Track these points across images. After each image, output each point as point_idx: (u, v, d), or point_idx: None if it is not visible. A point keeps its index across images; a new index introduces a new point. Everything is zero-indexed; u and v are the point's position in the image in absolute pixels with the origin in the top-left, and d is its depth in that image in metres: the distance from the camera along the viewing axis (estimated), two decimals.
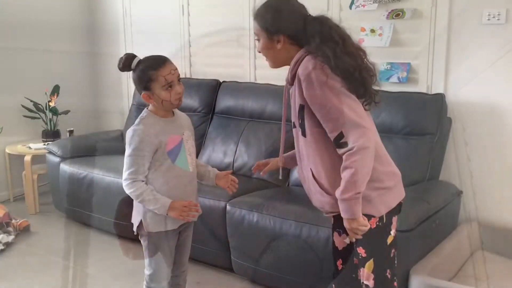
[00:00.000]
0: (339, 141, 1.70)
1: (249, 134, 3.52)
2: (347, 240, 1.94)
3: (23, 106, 4.36)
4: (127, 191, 2.03)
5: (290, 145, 2.08)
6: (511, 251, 2.88)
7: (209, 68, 4.09)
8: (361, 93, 1.75)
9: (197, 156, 2.24)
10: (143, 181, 2.03)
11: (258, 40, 1.88)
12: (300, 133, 1.83)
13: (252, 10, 1.91)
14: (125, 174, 2.02)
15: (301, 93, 1.75)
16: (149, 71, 1.99)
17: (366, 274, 1.84)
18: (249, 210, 2.82)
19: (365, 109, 1.77)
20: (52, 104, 4.35)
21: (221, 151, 3.58)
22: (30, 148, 4.17)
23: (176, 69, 2.03)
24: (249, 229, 2.81)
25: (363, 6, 3.24)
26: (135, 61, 2.02)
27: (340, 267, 2.00)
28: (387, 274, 1.86)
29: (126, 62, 2.02)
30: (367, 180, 1.70)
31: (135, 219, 2.13)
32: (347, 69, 1.71)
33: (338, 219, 1.89)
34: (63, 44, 4.68)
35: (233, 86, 3.78)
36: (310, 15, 1.84)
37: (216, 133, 3.69)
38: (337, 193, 1.72)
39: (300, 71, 1.74)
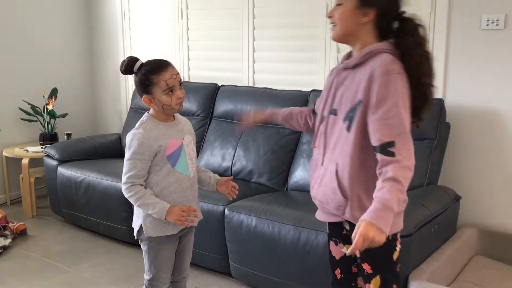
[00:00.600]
0: (387, 148, 1.58)
1: (248, 138, 3.51)
2: (344, 250, 1.89)
3: (20, 109, 4.35)
4: (126, 195, 2.03)
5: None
6: (509, 256, 2.88)
7: (207, 72, 4.09)
8: (414, 113, 1.68)
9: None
10: (142, 185, 2.02)
11: (339, 4, 1.69)
12: (344, 126, 1.69)
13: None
14: (124, 177, 2.02)
15: (367, 88, 1.61)
16: (150, 75, 1.98)
17: None
18: (247, 215, 2.82)
19: None
20: (50, 107, 4.34)
21: (219, 155, 3.58)
22: (27, 151, 4.16)
23: (178, 73, 2.03)
24: (248, 233, 2.80)
25: None
26: (137, 65, 2.02)
27: (339, 276, 1.96)
28: None
29: (128, 65, 2.03)
30: None
31: (135, 224, 2.13)
32: (423, 86, 1.64)
33: (333, 227, 1.89)
34: (61, 47, 4.68)
35: (232, 90, 3.78)
36: (405, 12, 1.71)
37: (214, 137, 3.69)
38: (382, 196, 1.54)
39: (377, 67, 1.60)
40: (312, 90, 3.41)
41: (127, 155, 2.01)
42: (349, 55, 1.77)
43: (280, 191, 3.28)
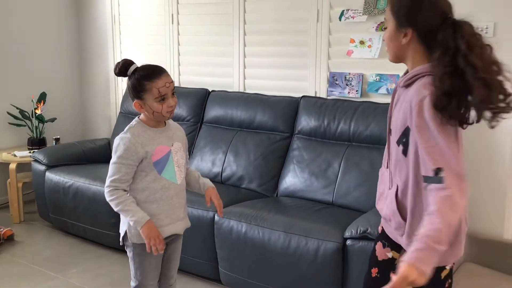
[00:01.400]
0: (436, 175, 1.50)
1: (238, 143, 3.50)
2: (390, 255, 1.83)
3: (8, 113, 4.31)
4: (107, 198, 1.99)
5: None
6: (499, 263, 2.89)
7: (198, 77, 4.08)
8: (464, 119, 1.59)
9: None
10: (125, 190, 1.99)
11: (386, 28, 1.69)
12: (400, 149, 1.65)
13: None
14: (107, 181, 1.99)
15: (410, 115, 1.56)
16: (144, 80, 1.96)
17: None
18: (237, 221, 2.80)
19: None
20: (38, 111, 4.30)
21: (210, 161, 3.56)
22: (15, 155, 4.11)
23: (172, 82, 2.01)
24: (238, 239, 2.79)
25: (353, 17, 3.26)
26: (131, 68, 1.99)
27: (374, 274, 1.87)
28: None
29: (123, 68, 1.99)
30: None
31: (122, 229, 2.11)
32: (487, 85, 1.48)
33: (384, 230, 1.84)
34: (50, 51, 4.64)
35: (222, 95, 3.77)
36: (451, 16, 1.57)
37: (204, 142, 3.68)
38: (424, 233, 1.45)
39: (414, 95, 1.55)
40: (303, 96, 3.42)
41: (113, 158, 2.00)
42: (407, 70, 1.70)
43: (270, 197, 3.27)
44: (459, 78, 1.49)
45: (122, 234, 2.10)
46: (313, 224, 2.66)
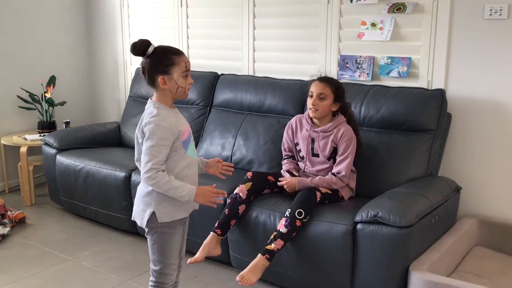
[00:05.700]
0: None
1: (248, 127, 3.50)
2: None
3: (18, 97, 4.32)
4: (150, 182, 1.96)
5: None
6: (509, 246, 2.89)
7: (207, 60, 4.06)
8: None
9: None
10: (163, 170, 2.00)
11: (323, 98, 2.80)
12: (331, 161, 2.93)
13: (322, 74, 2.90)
14: (148, 165, 1.95)
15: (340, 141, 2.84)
16: (171, 55, 2.02)
17: None
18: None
19: None
20: (48, 95, 4.31)
21: (219, 144, 3.56)
22: (26, 139, 4.14)
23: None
24: (248, 223, 2.79)
25: None
26: (151, 48, 2.01)
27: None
28: None
29: (142, 47, 2.00)
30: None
31: (144, 213, 2.06)
32: None
33: None
34: (59, 34, 4.64)
35: (232, 79, 3.75)
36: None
37: (214, 126, 3.67)
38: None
39: (346, 131, 2.83)
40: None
41: (151, 142, 1.96)
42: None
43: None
44: None
45: (147, 217, 2.05)
46: (324, 207, 2.66)
